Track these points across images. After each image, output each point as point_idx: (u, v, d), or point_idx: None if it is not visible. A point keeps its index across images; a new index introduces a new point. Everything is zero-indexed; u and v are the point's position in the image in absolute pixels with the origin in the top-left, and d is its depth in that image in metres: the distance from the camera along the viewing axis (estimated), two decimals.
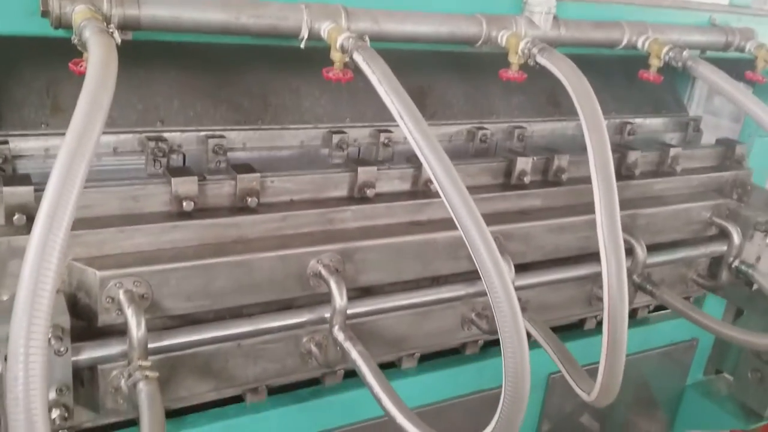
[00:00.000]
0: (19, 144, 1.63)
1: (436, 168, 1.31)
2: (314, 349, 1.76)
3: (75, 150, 1.04)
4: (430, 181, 1.89)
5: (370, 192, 1.83)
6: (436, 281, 1.98)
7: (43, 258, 0.99)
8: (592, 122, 1.62)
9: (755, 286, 2.49)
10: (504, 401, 1.29)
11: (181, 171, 1.62)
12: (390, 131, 2.04)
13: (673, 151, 2.42)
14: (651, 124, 2.72)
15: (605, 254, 1.60)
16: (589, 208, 2.09)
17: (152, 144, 1.71)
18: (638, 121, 2.64)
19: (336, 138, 1.96)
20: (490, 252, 1.27)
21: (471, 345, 2.19)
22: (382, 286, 1.86)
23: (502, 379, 1.30)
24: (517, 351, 1.27)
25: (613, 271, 1.59)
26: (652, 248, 2.23)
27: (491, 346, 2.22)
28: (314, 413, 1.97)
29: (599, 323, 2.47)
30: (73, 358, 1.42)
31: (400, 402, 1.47)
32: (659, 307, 2.61)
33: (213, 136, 1.81)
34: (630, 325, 2.19)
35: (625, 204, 1.71)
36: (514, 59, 1.78)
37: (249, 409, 1.87)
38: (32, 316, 0.98)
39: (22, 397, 0.98)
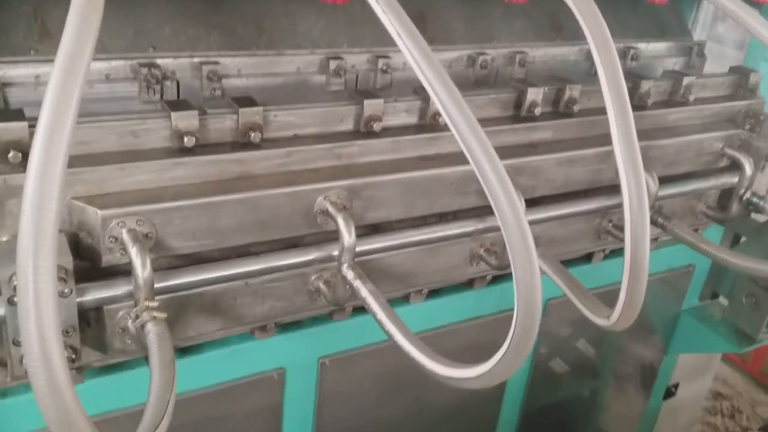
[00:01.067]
0: (8, 71, 1.58)
1: (440, 91, 1.23)
2: (323, 287, 1.73)
3: (67, 70, 0.98)
4: (439, 115, 1.84)
5: (377, 126, 1.76)
6: (444, 217, 1.94)
7: (42, 194, 0.95)
8: (600, 42, 1.54)
9: (763, 218, 2.47)
10: (515, 330, 1.26)
11: (181, 105, 1.55)
12: (389, 57, 1.98)
13: (686, 80, 2.34)
14: (655, 48, 2.63)
15: (623, 168, 1.55)
16: (601, 140, 2.05)
17: (145, 71, 1.66)
18: (641, 45, 2.55)
19: (333, 64, 1.91)
20: (502, 184, 1.22)
21: (479, 280, 2.18)
22: (390, 223, 1.83)
23: (514, 308, 1.26)
24: (530, 282, 1.23)
25: (633, 186, 1.55)
26: (663, 181, 2.19)
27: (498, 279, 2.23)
28: (318, 338, 1.99)
29: (606, 256, 2.47)
30: (78, 300, 1.39)
31: (415, 338, 1.45)
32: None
33: (207, 63, 1.76)
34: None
35: (637, 136, 1.65)
36: None
37: None
38: (37, 256, 0.95)
39: (36, 342, 0.95)
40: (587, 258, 2.45)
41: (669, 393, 3.53)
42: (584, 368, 3.29)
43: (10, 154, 1.35)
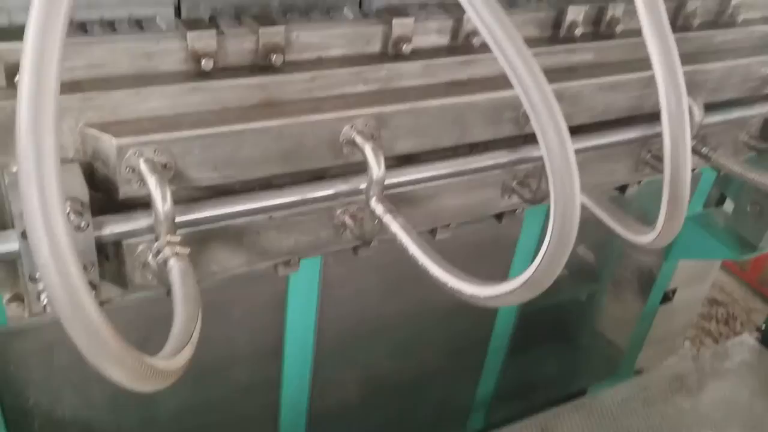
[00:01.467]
0: None
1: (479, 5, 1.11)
2: (348, 221, 1.65)
3: None
4: (473, 35, 1.71)
5: (406, 48, 1.63)
6: (475, 148, 1.83)
7: (37, 101, 0.89)
8: None
9: None
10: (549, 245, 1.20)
11: (197, 23, 1.43)
12: None
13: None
14: None
15: (660, 70, 1.47)
16: (645, 64, 1.91)
17: None
18: None
19: None
20: (548, 107, 1.15)
21: (508, 214, 2.09)
22: (418, 154, 1.72)
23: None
24: (569, 202, 1.18)
25: (670, 88, 1.48)
26: (705, 108, 2.05)
27: None
28: None
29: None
30: (96, 234, 1.32)
31: (453, 269, 1.37)
32: None
33: None
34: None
35: (682, 59, 1.53)
36: None
37: None
38: (42, 177, 0.86)
39: (55, 275, 0.88)
40: (620, 190, 2.35)
41: (666, 298, 3.55)
42: (583, 272, 3.28)
43: (17, 78, 1.24)
